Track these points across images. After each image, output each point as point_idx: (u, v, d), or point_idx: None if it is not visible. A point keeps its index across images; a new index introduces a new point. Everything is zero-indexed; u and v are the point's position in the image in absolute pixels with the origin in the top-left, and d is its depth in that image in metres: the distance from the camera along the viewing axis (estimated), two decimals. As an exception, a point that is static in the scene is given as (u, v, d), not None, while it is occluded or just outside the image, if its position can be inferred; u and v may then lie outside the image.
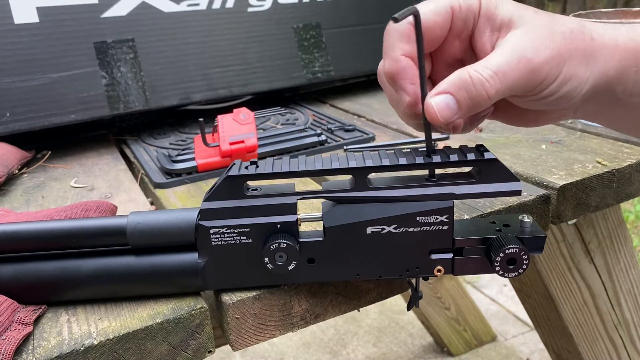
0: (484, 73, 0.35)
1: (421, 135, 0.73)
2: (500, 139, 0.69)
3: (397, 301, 1.81)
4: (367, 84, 1.10)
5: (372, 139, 0.74)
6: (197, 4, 0.83)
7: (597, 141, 0.64)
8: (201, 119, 0.65)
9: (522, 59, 0.35)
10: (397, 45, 0.37)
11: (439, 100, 0.35)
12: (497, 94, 0.36)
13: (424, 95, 0.36)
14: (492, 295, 1.86)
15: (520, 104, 0.40)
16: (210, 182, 0.64)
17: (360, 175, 0.38)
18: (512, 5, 0.38)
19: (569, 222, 0.71)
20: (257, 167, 0.38)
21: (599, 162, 0.57)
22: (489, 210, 0.49)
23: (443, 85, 0.36)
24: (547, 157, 0.60)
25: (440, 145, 0.39)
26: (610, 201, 0.56)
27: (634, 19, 0.74)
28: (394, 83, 0.38)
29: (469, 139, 0.70)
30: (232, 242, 0.38)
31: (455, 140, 0.70)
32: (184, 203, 0.58)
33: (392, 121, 0.82)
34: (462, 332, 1.57)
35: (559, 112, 0.42)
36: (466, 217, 0.48)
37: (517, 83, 0.36)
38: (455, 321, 1.55)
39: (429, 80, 0.42)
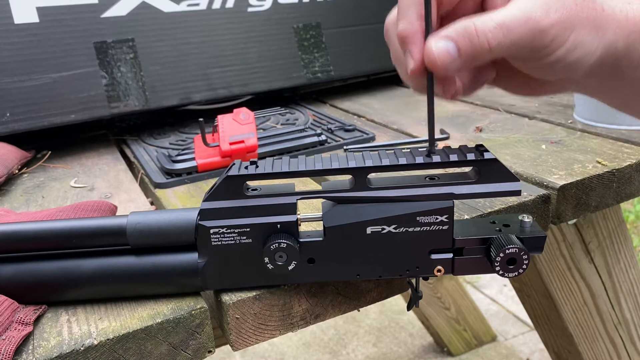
0: (488, 24, 0.35)
1: (421, 135, 0.74)
2: (500, 139, 0.69)
3: (397, 301, 1.81)
4: (367, 84, 1.10)
5: (372, 139, 0.74)
6: (197, 4, 0.83)
7: (597, 141, 0.64)
8: (201, 119, 0.65)
9: (529, 18, 0.35)
10: (414, 5, 0.37)
11: (440, 45, 0.35)
12: (498, 47, 0.35)
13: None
14: (492, 295, 1.86)
15: (526, 70, 0.39)
16: (210, 182, 0.64)
17: (360, 175, 0.38)
18: None
19: (569, 222, 0.71)
20: (257, 167, 0.38)
21: (599, 162, 0.57)
22: (489, 210, 0.49)
23: (446, 31, 0.35)
24: (547, 157, 0.60)
25: (440, 145, 0.39)
26: (610, 201, 0.56)
27: None
28: (404, 45, 0.37)
29: (469, 139, 0.70)
30: (232, 242, 0.38)
31: (455, 140, 0.70)
32: (184, 203, 0.58)
33: (392, 121, 0.82)
34: (462, 332, 1.58)
35: (562, 84, 0.41)
36: (466, 217, 0.48)
37: (521, 41, 0.35)
38: (455, 321, 1.55)
39: None
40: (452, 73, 0.36)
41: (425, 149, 0.38)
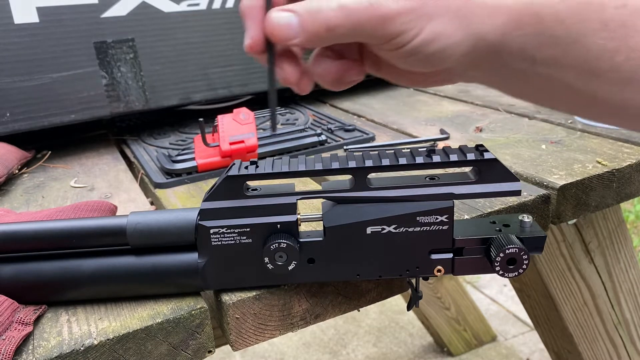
0: (332, 3, 0.33)
1: (421, 135, 0.74)
2: (500, 139, 0.69)
3: (397, 301, 1.81)
4: (367, 84, 1.10)
5: (372, 139, 0.74)
6: (197, 4, 0.83)
7: (597, 141, 0.64)
8: (201, 119, 0.65)
9: (374, 3, 0.33)
10: None
11: (281, 15, 0.34)
12: (338, 30, 0.34)
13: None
14: (492, 295, 1.86)
15: (391, 60, 0.38)
16: (210, 182, 0.64)
17: (360, 175, 0.38)
18: None
19: (569, 222, 0.71)
20: (257, 167, 0.38)
21: (599, 162, 0.57)
22: (489, 210, 0.49)
23: (290, 5, 0.34)
24: (547, 157, 0.60)
25: (440, 145, 0.39)
26: (610, 201, 0.56)
27: None
28: (244, 20, 0.37)
29: (469, 139, 0.70)
30: (232, 242, 0.38)
31: (455, 141, 0.70)
32: (184, 203, 0.58)
33: (392, 121, 0.82)
34: (462, 332, 1.58)
35: (443, 75, 0.39)
36: (466, 217, 0.48)
37: (364, 26, 0.34)
38: (455, 321, 1.55)
39: None
40: (293, 44, 0.35)
41: (425, 149, 0.38)
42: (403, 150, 0.39)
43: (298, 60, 0.39)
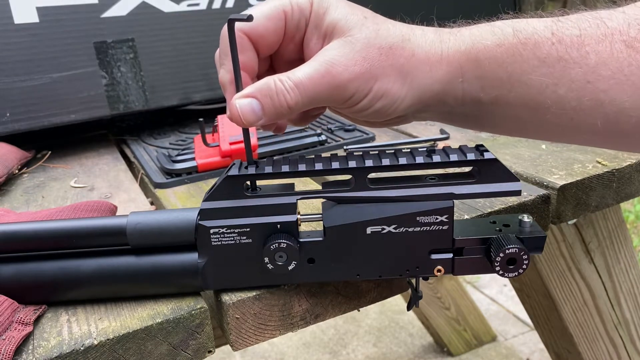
0: (285, 84, 0.35)
1: (421, 135, 0.74)
2: (500, 139, 0.69)
3: (397, 301, 1.81)
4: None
5: (372, 139, 0.74)
6: (197, 4, 0.83)
7: (597, 141, 0.64)
8: (201, 119, 0.65)
9: (326, 74, 0.35)
10: (228, 56, 0.37)
11: (243, 103, 0.36)
12: (297, 106, 0.36)
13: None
14: (492, 295, 1.86)
15: (346, 114, 0.41)
16: (210, 182, 0.64)
17: (360, 175, 0.38)
18: (343, 9, 0.37)
19: (569, 222, 0.71)
20: (257, 167, 0.38)
21: (599, 162, 0.57)
22: (489, 210, 0.49)
23: (250, 89, 0.36)
24: (547, 157, 0.60)
25: (440, 145, 0.39)
26: (610, 201, 0.56)
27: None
28: (224, 91, 0.39)
29: (469, 139, 0.70)
30: (232, 242, 0.38)
31: (455, 141, 0.70)
32: (184, 203, 0.58)
33: (392, 121, 0.82)
34: (462, 332, 1.58)
35: (396, 119, 0.42)
36: (466, 217, 0.48)
37: (320, 96, 0.36)
38: (455, 321, 1.55)
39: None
40: (258, 125, 0.37)
41: (425, 148, 0.39)
42: (403, 150, 0.39)
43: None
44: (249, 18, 0.35)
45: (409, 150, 0.39)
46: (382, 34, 0.37)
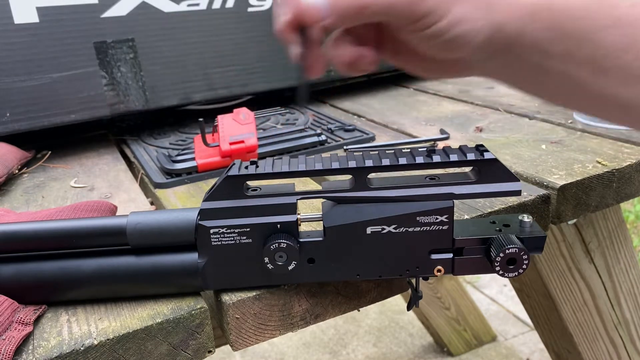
0: None
1: (421, 135, 0.74)
2: (500, 139, 0.69)
3: (397, 301, 1.81)
4: (367, 84, 1.10)
5: (372, 139, 0.74)
6: (197, 4, 0.83)
7: (597, 141, 0.64)
8: (201, 119, 0.65)
9: None
10: None
11: None
12: (369, 9, 0.34)
13: None
14: (492, 295, 1.86)
15: (412, 43, 0.38)
16: (210, 182, 0.64)
17: (360, 175, 0.38)
18: None
19: (569, 222, 0.71)
20: (257, 167, 0.38)
21: (599, 162, 0.57)
22: (489, 210, 0.49)
23: None
24: (547, 157, 0.60)
25: (440, 145, 0.39)
26: (610, 201, 0.56)
27: None
28: (277, 2, 0.38)
29: (469, 139, 0.70)
30: (232, 242, 0.38)
31: (455, 141, 0.70)
32: (184, 203, 0.58)
33: (392, 121, 0.82)
34: (462, 332, 1.58)
35: (458, 66, 0.40)
36: (466, 217, 0.48)
37: (394, 6, 0.34)
38: (455, 321, 1.55)
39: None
40: (323, 24, 0.35)
41: (425, 148, 0.38)
42: (403, 150, 0.39)
43: (317, 42, 0.39)
44: None
45: (409, 150, 0.39)
46: None
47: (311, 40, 0.38)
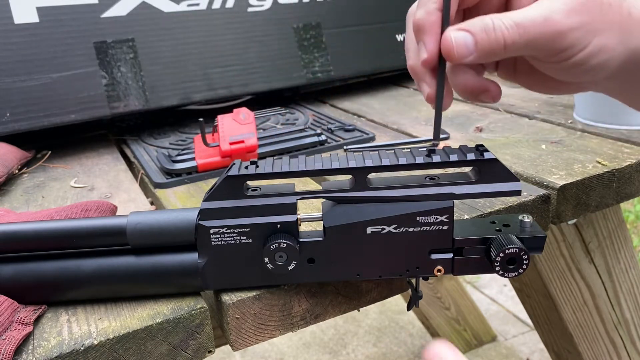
0: (505, 22, 0.35)
1: (421, 135, 0.74)
2: (500, 139, 0.69)
3: (397, 301, 1.81)
4: (367, 84, 1.10)
5: (372, 139, 0.74)
6: (197, 4, 0.83)
7: (597, 141, 0.64)
8: (201, 119, 0.65)
9: (549, 19, 0.35)
10: None
11: (458, 35, 0.35)
12: (513, 46, 0.35)
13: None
14: (492, 295, 1.86)
15: (546, 71, 0.39)
16: (210, 182, 0.64)
17: (360, 175, 0.38)
18: None
19: (569, 222, 0.71)
20: (257, 167, 0.38)
21: (599, 162, 0.57)
22: (489, 210, 0.49)
23: (465, 24, 0.36)
24: (547, 157, 0.60)
25: (441, 145, 0.39)
26: (610, 201, 0.56)
27: None
28: (418, 35, 0.38)
29: (469, 139, 0.70)
30: (232, 242, 0.38)
31: (455, 141, 0.70)
32: (184, 203, 0.58)
33: (392, 121, 0.82)
34: (462, 332, 1.58)
35: (581, 84, 0.41)
36: (466, 217, 0.48)
37: (538, 42, 0.35)
38: (455, 321, 1.55)
39: None
40: (466, 62, 0.36)
41: (425, 148, 0.38)
42: (403, 150, 0.39)
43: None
44: None
45: (409, 150, 0.39)
46: None
47: (445, 75, 0.38)
